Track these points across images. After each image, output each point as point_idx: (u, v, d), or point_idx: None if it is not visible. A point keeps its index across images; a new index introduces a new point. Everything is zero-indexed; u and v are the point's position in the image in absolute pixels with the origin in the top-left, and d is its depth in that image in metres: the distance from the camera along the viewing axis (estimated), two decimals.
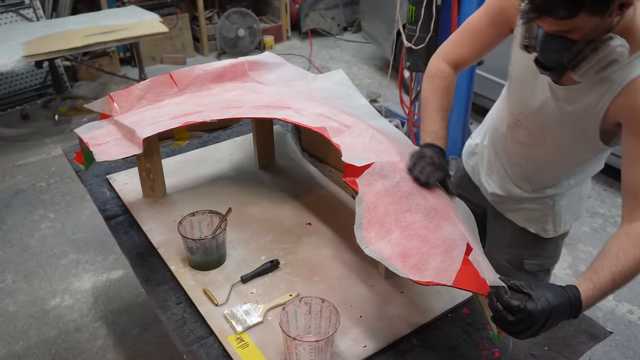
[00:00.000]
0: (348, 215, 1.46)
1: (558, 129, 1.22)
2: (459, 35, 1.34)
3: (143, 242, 1.37)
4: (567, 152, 1.26)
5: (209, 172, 1.66)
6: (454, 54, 1.33)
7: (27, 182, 3.26)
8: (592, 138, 1.16)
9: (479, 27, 1.29)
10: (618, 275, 0.97)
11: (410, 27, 2.67)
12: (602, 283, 0.97)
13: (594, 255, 2.64)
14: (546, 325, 0.92)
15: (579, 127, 1.17)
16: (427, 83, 1.33)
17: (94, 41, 3.43)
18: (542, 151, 1.30)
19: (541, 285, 0.95)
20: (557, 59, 1.04)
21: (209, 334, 1.11)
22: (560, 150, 1.26)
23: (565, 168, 1.32)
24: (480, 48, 1.31)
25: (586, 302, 0.95)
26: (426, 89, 1.32)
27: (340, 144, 1.17)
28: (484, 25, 1.27)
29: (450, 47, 1.34)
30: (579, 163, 1.30)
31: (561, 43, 1.00)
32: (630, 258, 0.98)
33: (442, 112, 1.28)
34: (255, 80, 1.60)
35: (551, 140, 1.26)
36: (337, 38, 5.73)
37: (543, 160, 1.32)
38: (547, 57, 1.05)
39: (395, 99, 4.02)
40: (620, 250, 0.99)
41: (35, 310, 2.35)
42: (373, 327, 1.11)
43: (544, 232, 1.42)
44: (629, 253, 0.99)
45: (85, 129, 1.43)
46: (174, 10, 4.96)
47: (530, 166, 1.35)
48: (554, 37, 1.01)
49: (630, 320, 2.30)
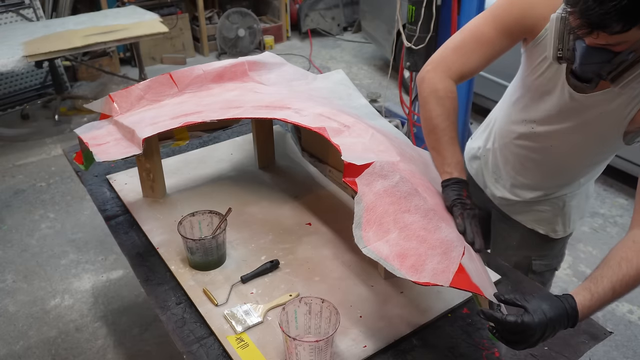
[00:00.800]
0: (348, 215, 1.46)
1: (577, 134, 1.20)
2: (464, 45, 1.22)
3: (143, 242, 1.37)
4: (584, 155, 1.25)
5: (209, 172, 1.66)
6: (460, 66, 1.21)
7: (27, 182, 3.26)
8: (614, 140, 1.15)
9: (489, 37, 1.18)
10: (619, 285, 0.96)
11: (410, 27, 2.67)
12: (601, 293, 0.96)
13: (594, 255, 2.66)
14: (544, 337, 0.93)
15: (600, 131, 1.15)
16: (436, 104, 1.19)
17: (94, 41, 3.43)
18: (558, 156, 1.27)
19: (537, 297, 0.95)
20: (596, 71, 1.01)
21: (209, 334, 1.11)
22: (576, 153, 1.25)
23: (581, 169, 1.31)
24: (489, 59, 1.21)
25: (583, 312, 0.95)
26: (438, 112, 1.19)
27: (340, 144, 1.17)
28: (495, 35, 1.18)
29: (455, 58, 1.22)
30: (595, 163, 1.29)
31: (603, 55, 0.96)
32: (633, 267, 0.97)
33: (457, 138, 1.19)
34: (255, 80, 1.60)
35: (568, 146, 1.23)
36: (337, 38, 5.73)
37: (559, 165, 1.30)
38: (586, 69, 1.01)
39: (395, 99, 4.02)
40: (623, 259, 0.98)
41: (35, 310, 2.35)
42: (373, 327, 1.11)
43: (554, 233, 1.41)
44: (632, 262, 0.97)
45: (85, 129, 1.43)
46: (174, 10, 4.96)
47: (544, 170, 1.33)
48: (596, 50, 0.96)
49: (630, 320, 2.30)
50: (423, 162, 1.27)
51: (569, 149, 1.24)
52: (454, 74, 1.21)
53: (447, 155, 1.16)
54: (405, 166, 1.13)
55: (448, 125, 1.18)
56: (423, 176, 1.16)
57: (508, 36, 1.18)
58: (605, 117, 1.12)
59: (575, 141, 1.22)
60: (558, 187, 1.35)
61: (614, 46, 0.95)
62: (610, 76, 1.00)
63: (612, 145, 1.18)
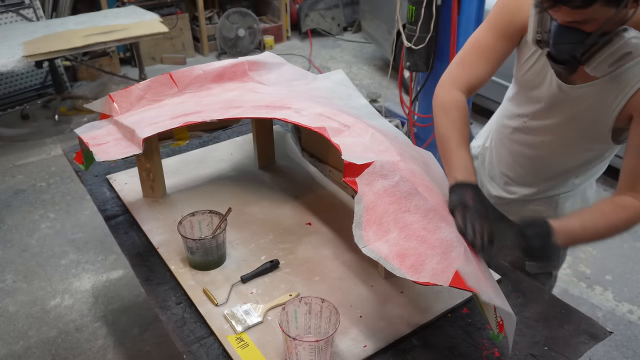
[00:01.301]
0: (348, 215, 1.46)
1: (567, 128, 1.21)
2: (467, 57, 1.25)
3: (143, 242, 1.37)
4: (575, 150, 1.26)
5: (209, 172, 1.66)
6: (467, 76, 1.24)
7: (27, 182, 3.26)
8: (603, 135, 1.16)
9: (488, 43, 1.22)
10: (588, 222, 1.04)
11: (410, 27, 2.67)
12: (570, 222, 1.05)
13: (594, 255, 2.67)
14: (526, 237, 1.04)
15: (589, 125, 1.17)
16: (442, 116, 1.22)
17: (94, 41, 3.43)
18: (549, 152, 1.29)
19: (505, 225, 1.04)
20: (570, 52, 1.03)
21: (208, 334, 1.11)
22: (567, 149, 1.26)
23: (572, 166, 1.32)
24: (493, 65, 1.23)
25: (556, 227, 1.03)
26: (443, 122, 1.21)
27: (340, 144, 1.17)
28: (493, 39, 1.22)
29: (460, 70, 1.25)
30: (586, 161, 1.30)
31: (575, 35, 0.99)
32: (605, 217, 1.05)
33: (466, 144, 1.18)
34: (255, 80, 1.60)
35: (559, 141, 1.25)
36: (337, 38, 5.73)
37: (550, 160, 1.31)
38: (560, 49, 1.04)
39: (395, 99, 4.02)
40: (598, 209, 1.06)
41: (35, 310, 2.35)
42: (373, 327, 1.11)
43: None
44: (605, 214, 1.05)
45: (85, 129, 1.43)
46: (174, 10, 4.96)
47: (537, 167, 1.35)
48: (567, 29, 0.99)
49: (630, 320, 2.30)
50: (423, 161, 1.27)
51: (560, 145, 1.26)
52: (462, 86, 1.24)
53: (453, 161, 1.16)
54: (405, 166, 1.13)
55: (453, 132, 1.19)
56: (423, 176, 1.16)
57: (505, 38, 1.21)
58: (592, 110, 1.14)
59: (565, 136, 1.23)
60: (551, 185, 1.36)
61: (582, 24, 0.98)
62: (584, 57, 1.02)
63: (601, 141, 1.19)
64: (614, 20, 0.96)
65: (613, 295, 2.42)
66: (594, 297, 2.41)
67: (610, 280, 2.52)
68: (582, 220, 1.06)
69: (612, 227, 1.10)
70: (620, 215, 1.09)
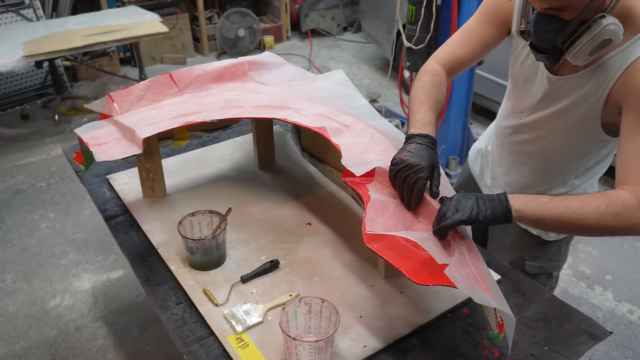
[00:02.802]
0: (348, 215, 1.46)
1: (559, 122, 1.23)
2: (453, 39, 1.34)
3: (143, 242, 1.37)
4: (570, 145, 1.26)
5: (209, 172, 1.66)
6: (448, 56, 1.32)
7: (27, 182, 3.26)
8: (594, 127, 1.17)
9: (474, 27, 1.30)
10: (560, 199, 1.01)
11: (410, 27, 2.67)
12: (537, 197, 1.02)
13: (593, 255, 2.67)
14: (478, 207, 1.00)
15: (579, 117, 1.17)
16: (415, 82, 1.31)
17: (94, 41, 3.43)
18: (545, 148, 1.30)
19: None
20: (550, 41, 1.06)
21: (208, 334, 1.11)
22: (562, 144, 1.27)
23: (570, 164, 1.32)
24: (475, 48, 1.30)
25: (513, 199, 1.02)
26: (414, 87, 1.29)
27: (340, 144, 1.17)
28: (478, 25, 1.29)
29: (442, 49, 1.35)
30: (584, 158, 1.30)
31: (554, 23, 1.03)
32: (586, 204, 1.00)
33: (429, 102, 1.22)
34: (255, 80, 1.60)
35: (553, 136, 1.26)
36: (337, 38, 5.73)
37: (547, 158, 1.32)
38: (540, 37, 1.07)
39: (395, 99, 4.02)
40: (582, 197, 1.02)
41: (35, 310, 2.36)
42: (373, 327, 1.11)
43: (545, 235, 1.42)
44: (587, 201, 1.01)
45: (85, 129, 1.43)
46: (174, 10, 4.96)
47: (535, 165, 1.35)
48: (547, 17, 1.03)
49: (630, 320, 2.30)
50: None
51: (554, 140, 1.27)
52: (441, 60, 1.32)
53: (411, 117, 1.21)
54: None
55: (418, 92, 1.25)
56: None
57: (489, 24, 1.27)
58: (580, 102, 1.15)
59: (558, 129, 1.25)
60: (551, 186, 1.36)
61: (560, 12, 1.01)
62: (565, 46, 1.05)
63: (595, 135, 1.19)
64: (591, 8, 0.99)
65: (613, 295, 2.42)
66: (594, 297, 2.41)
67: (610, 280, 2.52)
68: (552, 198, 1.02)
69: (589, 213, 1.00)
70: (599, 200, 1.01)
